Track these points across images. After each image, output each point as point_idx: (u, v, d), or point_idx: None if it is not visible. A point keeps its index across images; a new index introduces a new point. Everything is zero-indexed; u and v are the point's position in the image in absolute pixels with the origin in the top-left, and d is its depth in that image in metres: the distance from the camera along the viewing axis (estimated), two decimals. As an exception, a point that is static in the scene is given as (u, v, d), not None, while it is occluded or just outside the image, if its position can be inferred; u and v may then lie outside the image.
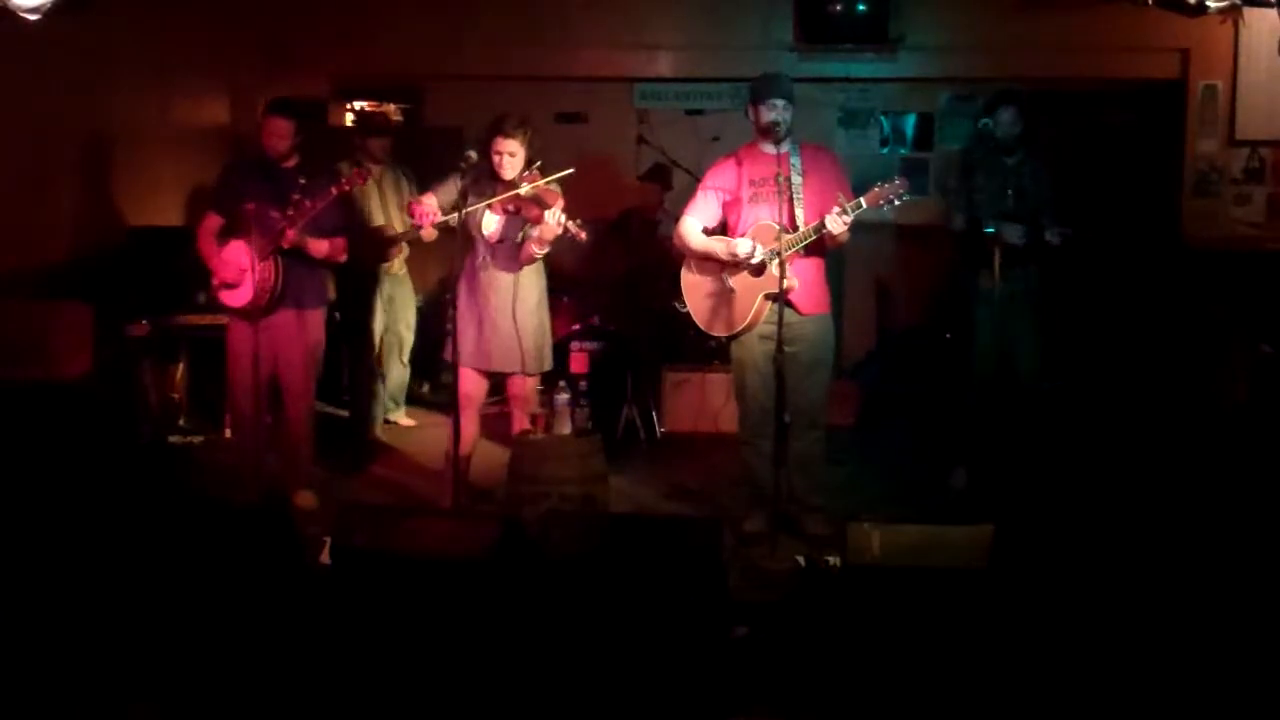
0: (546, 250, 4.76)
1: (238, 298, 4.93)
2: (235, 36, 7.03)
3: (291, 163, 4.97)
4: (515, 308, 4.80)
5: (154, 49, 6.32)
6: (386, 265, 6.36)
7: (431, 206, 4.82)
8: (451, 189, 4.77)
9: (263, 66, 7.44)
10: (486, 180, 4.76)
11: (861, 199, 4.50)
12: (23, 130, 5.32)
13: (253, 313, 4.88)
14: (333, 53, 7.52)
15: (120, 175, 6.13)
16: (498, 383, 5.05)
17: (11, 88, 5.15)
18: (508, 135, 4.69)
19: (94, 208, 5.96)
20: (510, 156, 4.70)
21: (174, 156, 5.63)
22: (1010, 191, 5.25)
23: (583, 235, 4.63)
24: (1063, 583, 3.57)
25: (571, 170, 4.74)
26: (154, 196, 6.16)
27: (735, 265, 4.71)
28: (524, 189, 4.68)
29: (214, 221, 5.01)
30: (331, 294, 5.69)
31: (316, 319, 5.12)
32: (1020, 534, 3.75)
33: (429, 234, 5.55)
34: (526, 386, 4.93)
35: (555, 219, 4.58)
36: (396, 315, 6.52)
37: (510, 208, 4.73)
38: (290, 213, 4.76)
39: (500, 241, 4.80)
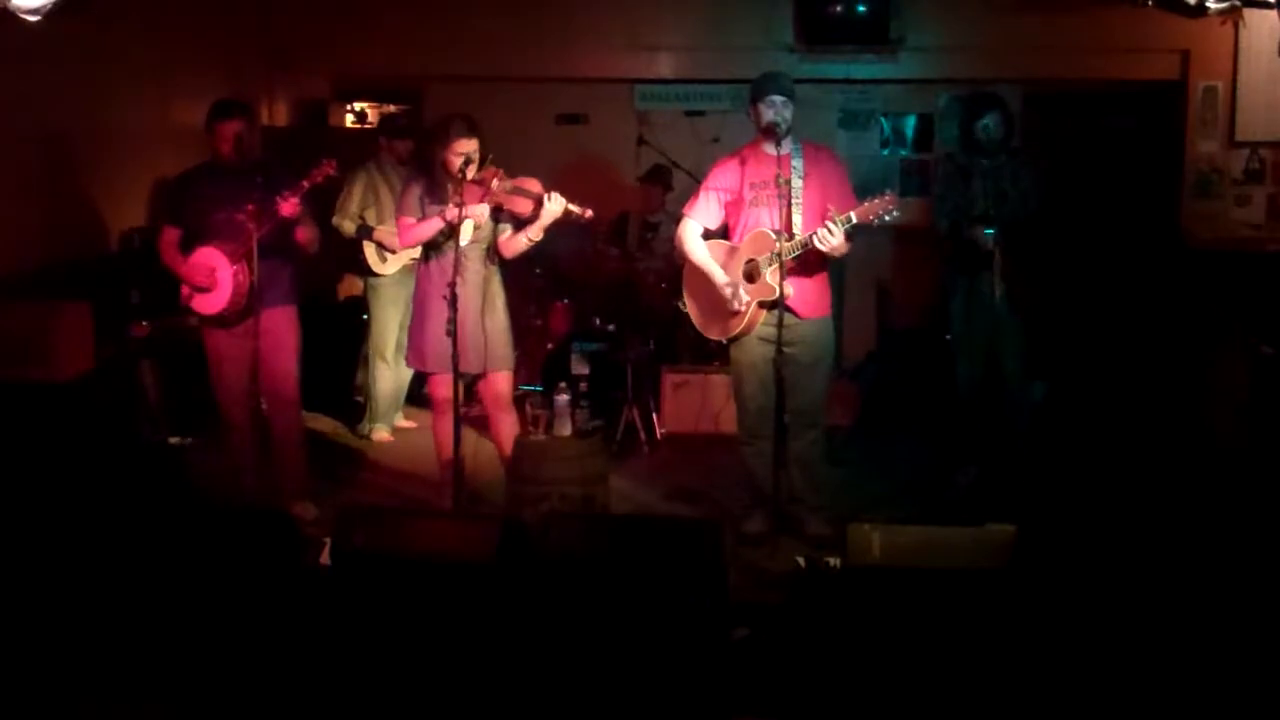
0: (541, 237, 4.70)
1: (212, 304, 4.85)
2: (235, 37, 7.03)
3: (247, 163, 4.86)
4: (485, 309, 4.74)
5: (154, 50, 6.32)
6: (411, 263, 6.37)
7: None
8: (413, 200, 4.73)
9: (263, 67, 7.45)
10: (439, 184, 4.68)
11: (852, 213, 4.45)
12: (23, 131, 5.32)
13: (230, 318, 4.84)
14: (332, 54, 7.53)
15: (121, 175, 6.13)
16: (468, 385, 5.00)
17: (11, 89, 5.15)
18: (469, 136, 4.59)
19: (94, 208, 5.96)
20: (468, 155, 4.58)
21: (174, 157, 5.62)
22: (990, 195, 5.27)
23: (589, 214, 4.61)
24: (1062, 584, 3.57)
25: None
26: (154, 197, 6.17)
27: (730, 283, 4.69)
28: (496, 185, 4.62)
29: (173, 234, 4.93)
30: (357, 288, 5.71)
31: (292, 316, 5.07)
32: (1021, 535, 3.75)
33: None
34: (499, 384, 4.86)
35: (559, 204, 4.56)
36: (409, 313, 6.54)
37: (491, 206, 4.68)
38: (263, 211, 4.65)
39: (473, 243, 4.72)
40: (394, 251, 6.27)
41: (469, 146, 4.58)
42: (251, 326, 4.78)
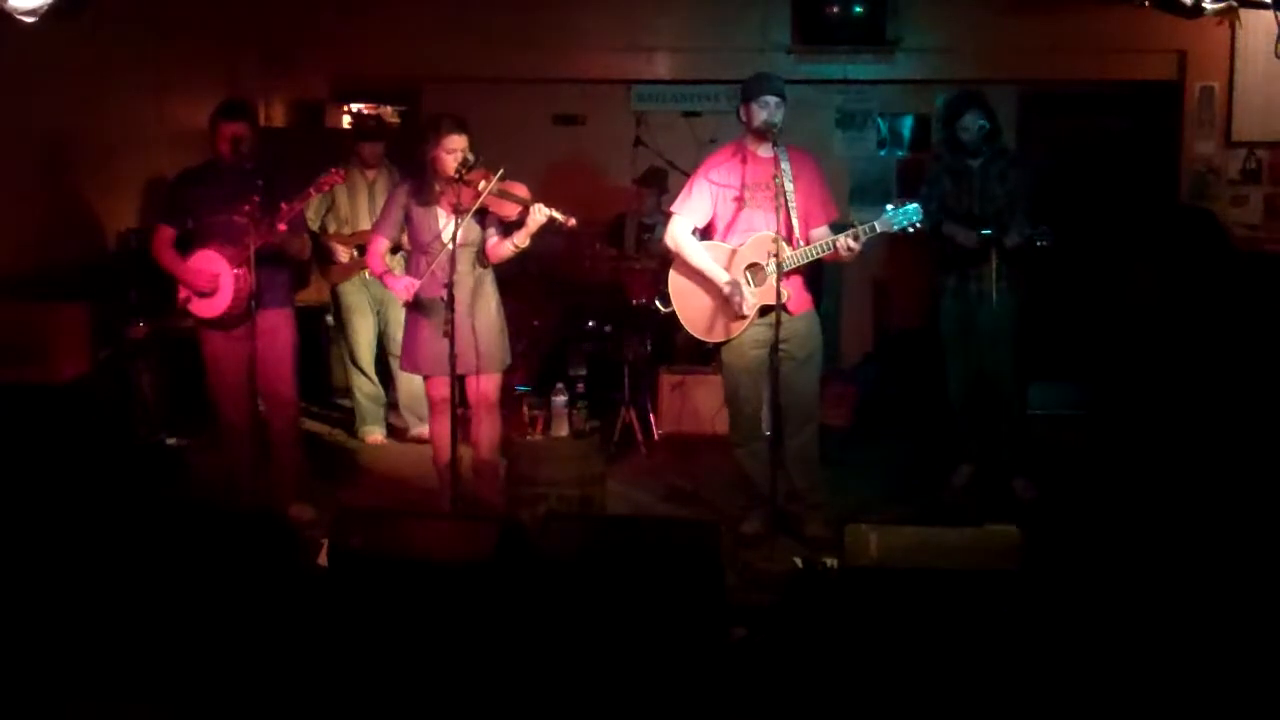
0: (527, 244, 4.67)
1: (212, 307, 4.84)
2: (234, 39, 7.02)
3: (249, 165, 4.84)
4: (475, 310, 4.73)
5: (152, 51, 6.32)
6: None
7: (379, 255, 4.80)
8: (396, 212, 4.72)
9: (261, 68, 7.44)
10: (428, 185, 4.69)
11: (875, 223, 4.48)
12: (20, 132, 5.31)
13: (229, 320, 4.83)
14: (331, 54, 7.53)
15: (118, 176, 6.13)
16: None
17: (8, 90, 5.15)
18: (460, 132, 4.60)
19: (91, 209, 5.96)
20: (461, 153, 4.60)
21: (171, 158, 5.63)
22: (975, 194, 5.24)
23: (572, 222, 4.58)
24: (1066, 586, 3.57)
25: (502, 170, 4.62)
26: (152, 199, 6.16)
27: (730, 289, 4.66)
28: (483, 186, 4.57)
29: (168, 233, 4.92)
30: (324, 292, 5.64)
31: (289, 318, 5.07)
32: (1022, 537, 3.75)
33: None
34: (486, 386, 4.83)
35: (543, 214, 4.54)
36: (389, 319, 6.49)
37: (474, 209, 4.63)
38: (264, 215, 4.63)
39: (462, 246, 4.67)
40: (338, 261, 6.23)
41: (459, 144, 4.60)
42: (249, 328, 4.76)
